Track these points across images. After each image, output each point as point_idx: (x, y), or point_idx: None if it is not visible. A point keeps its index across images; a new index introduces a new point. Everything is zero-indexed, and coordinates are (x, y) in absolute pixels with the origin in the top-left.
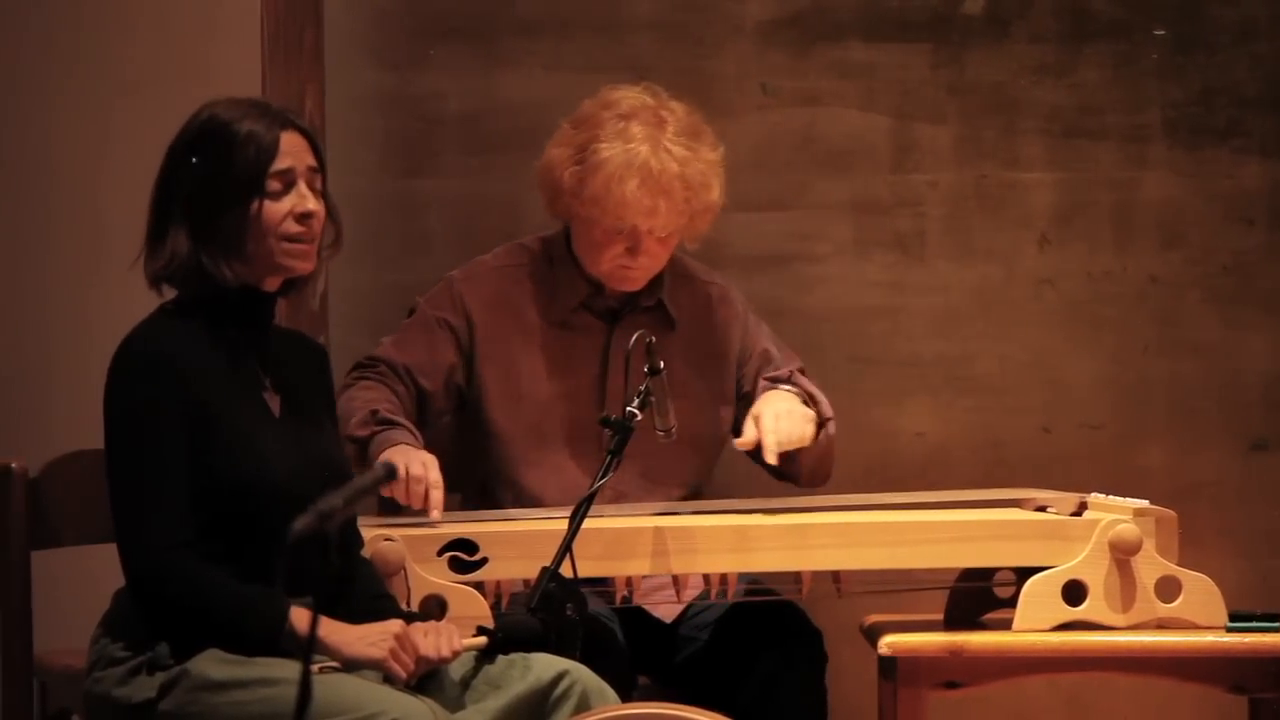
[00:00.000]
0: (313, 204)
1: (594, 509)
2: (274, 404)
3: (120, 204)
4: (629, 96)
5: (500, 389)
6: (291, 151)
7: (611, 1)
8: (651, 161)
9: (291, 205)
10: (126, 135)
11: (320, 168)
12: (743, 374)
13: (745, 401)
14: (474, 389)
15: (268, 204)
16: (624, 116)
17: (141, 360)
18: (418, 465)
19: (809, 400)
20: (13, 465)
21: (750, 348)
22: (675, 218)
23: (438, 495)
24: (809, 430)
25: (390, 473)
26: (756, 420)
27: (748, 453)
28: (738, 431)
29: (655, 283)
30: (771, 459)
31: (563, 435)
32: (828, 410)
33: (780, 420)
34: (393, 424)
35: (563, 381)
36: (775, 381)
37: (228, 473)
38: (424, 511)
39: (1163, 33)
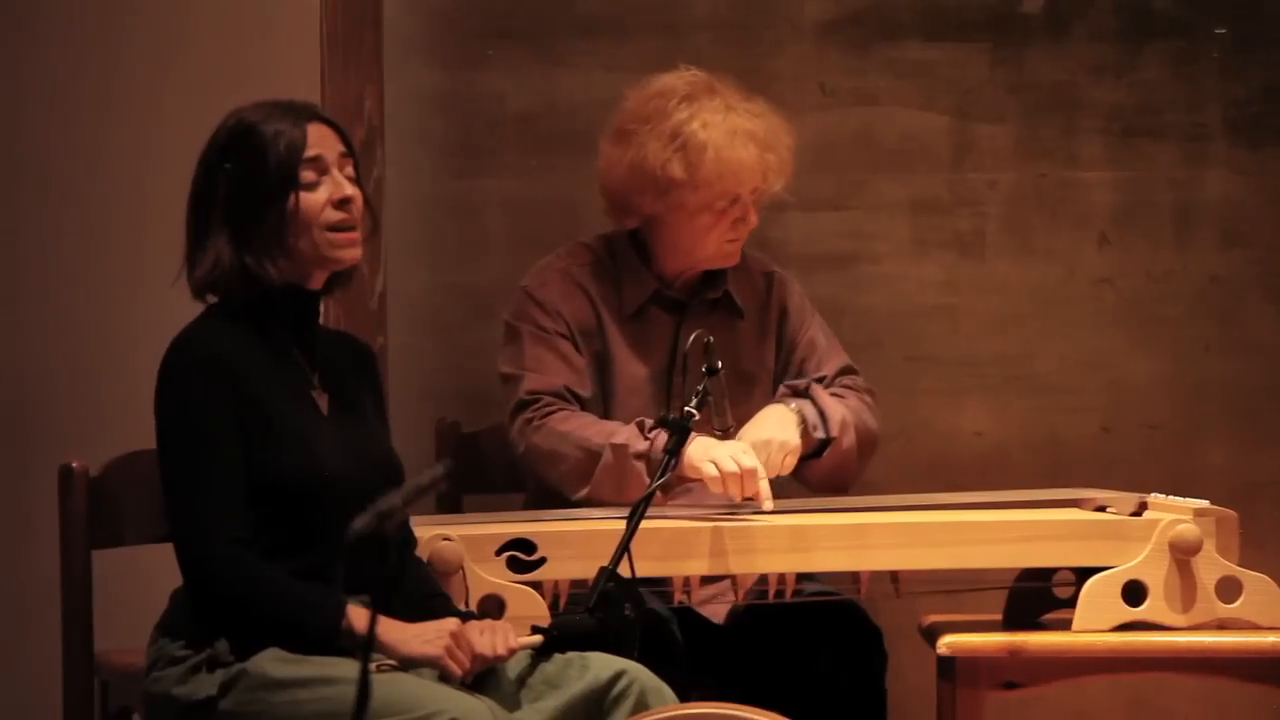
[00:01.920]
0: (349, 189)
1: (657, 508)
2: (322, 402)
3: (181, 205)
4: (673, 81)
5: (595, 381)
6: (321, 141)
7: (670, 2)
8: (749, 124)
9: (329, 193)
10: (187, 138)
11: (350, 154)
12: (789, 360)
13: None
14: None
15: (305, 195)
16: (687, 98)
17: (191, 360)
18: (748, 458)
19: (818, 417)
20: (74, 465)
21: (797, 335)
22: (785, 171)
23: (766, 484)
24: (787, 463)
25: (449, 472)
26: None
27: None
28: None
29: (719, 273)
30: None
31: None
32: (836, 428)
33: (756, 452)
34: (657, 424)
35: (634, 375)
36: (792, 391)
37: (279, 470)
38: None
39: (1223, 31)
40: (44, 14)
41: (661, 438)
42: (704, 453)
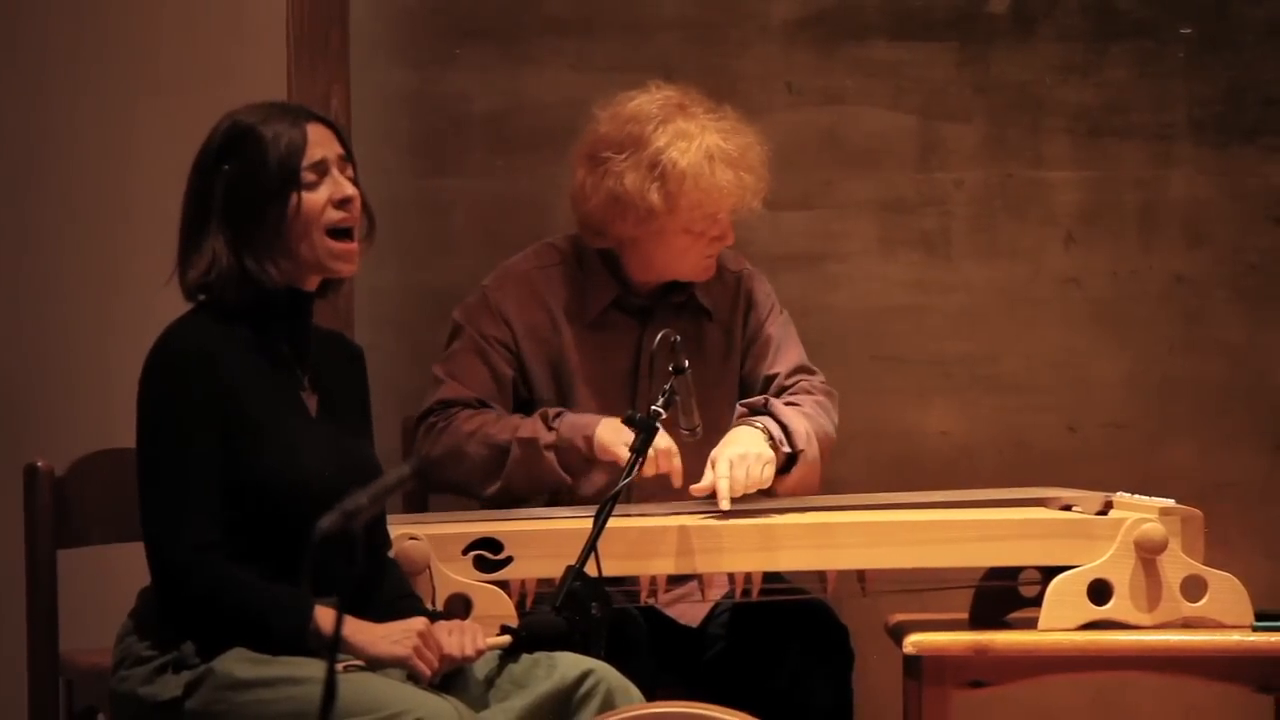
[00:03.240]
0: (349, 189)
1: (623, 507)
2: (311, 404)
3: (147, 205)
4: (646, 105)
5: (548, 387)
6: (320, 142)
7: (637, 1)
8: (723, 144)
9: (329, 193)
10: (153, 138)
11: (349, 157)
12: (746, 351)
13: (743, 387)
14: (530, 392)
15: (306, 195)
16: (662, 122)
17: (178, 356)
18: (662, 439)
19: (781, 432)
20: (39, 464)
21: (758, 328)
22: (761, 189)
23: (679, 462)
24: (767, 473)
25: (415, 471)
26: (713, 464)
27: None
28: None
29: None
30: (725, 506)
31: None
32: (801, 441)
33: (735, 467)
34: (560, 413)
35: (597, 378)
36: (750, 410)
37: (262, 471)
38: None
39: (1189, 31)
40: (12, 16)
41: (566, 423)
42: (617, 436)
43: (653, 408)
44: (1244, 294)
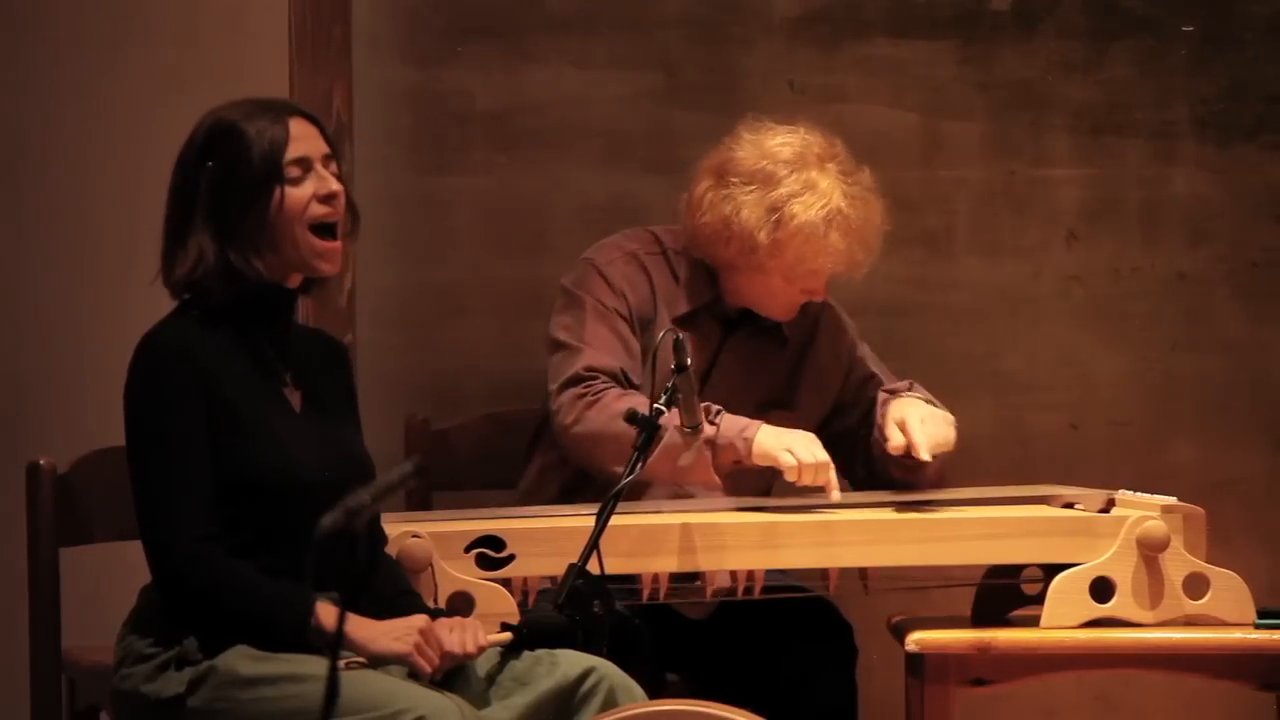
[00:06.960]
0: (334, 184)
1: (625, 505)
2: (294, 399)
3: (151, 204)
4: (788, 143)
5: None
6: (303, 137)
7: None
8: (845, 209)
9: (314, 188)
10: (156, 136)
11: (334, 153)
12: (846, 388)
13: (840, 414)
14: None
15: (289, 190)
16: (796, 167)
17: (162, 355)
18: (821, 451)
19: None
20: (41, 462)
21: (858, 368)
22: (870, 259)
23: (835, 475)
24: (951, 434)
25: (418, 469)
26: (902, 425)
27: (895, 458)
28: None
29: None
30: (926, 456)
31: None
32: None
33: (926, 424)
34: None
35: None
36: (893, 393)
37: (248, 468)
38: (818, 491)
39: (1191, 28)
40: (14, 15)
41: (727, 420)
42: (778, 441)
43: (655, 406)
44: (1246, 291)
